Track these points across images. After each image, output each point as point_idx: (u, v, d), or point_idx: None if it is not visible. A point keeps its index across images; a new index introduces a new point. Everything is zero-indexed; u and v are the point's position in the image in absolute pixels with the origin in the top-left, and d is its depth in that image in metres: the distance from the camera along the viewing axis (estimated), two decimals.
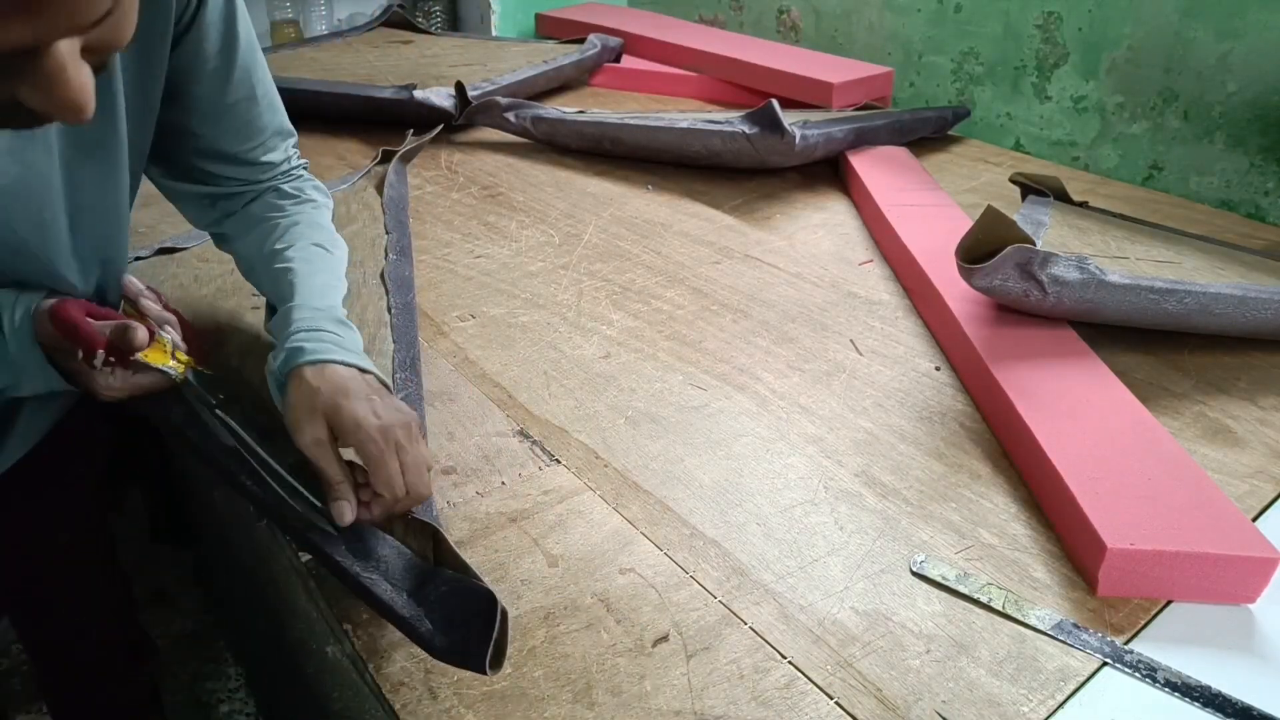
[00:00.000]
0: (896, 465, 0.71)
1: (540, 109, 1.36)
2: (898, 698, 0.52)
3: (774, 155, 1.20)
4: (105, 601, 0.88)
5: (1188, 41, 1.19)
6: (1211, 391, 0.80)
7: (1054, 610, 0.57)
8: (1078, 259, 0.79)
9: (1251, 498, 0.68)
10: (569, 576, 0.60)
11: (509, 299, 0.95)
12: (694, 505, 0.67)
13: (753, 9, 1.82)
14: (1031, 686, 0.53)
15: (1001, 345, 0.79)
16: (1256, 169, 1.17)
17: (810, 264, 1.03)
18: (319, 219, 0.74)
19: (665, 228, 1.12)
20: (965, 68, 1.48)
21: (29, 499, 0.74)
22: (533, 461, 0.71)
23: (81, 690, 0.90)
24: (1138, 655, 0.54)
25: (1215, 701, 0.52)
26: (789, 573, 0.61)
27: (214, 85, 0.66)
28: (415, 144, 1.29)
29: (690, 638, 0.56)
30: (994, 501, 0.67)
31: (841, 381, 0.81)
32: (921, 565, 0.61)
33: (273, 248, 0.70)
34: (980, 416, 0.77)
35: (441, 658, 0.51)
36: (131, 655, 0.93)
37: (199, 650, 1.26)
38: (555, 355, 0.85)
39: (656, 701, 0.51)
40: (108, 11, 0.39)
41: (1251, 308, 0.81)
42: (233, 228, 0.74)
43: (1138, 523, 0.59)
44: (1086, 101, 1.33)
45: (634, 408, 0.77)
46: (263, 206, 0.73)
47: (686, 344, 0.87)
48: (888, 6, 1.56)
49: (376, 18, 1.87)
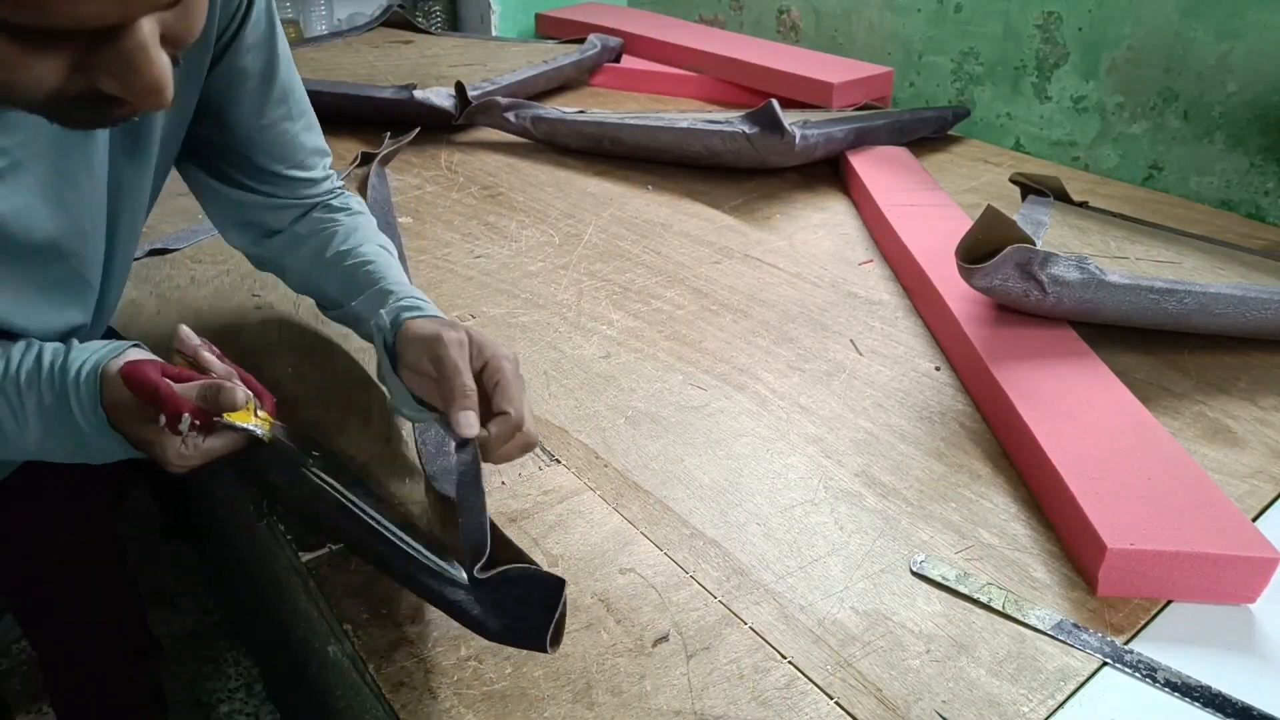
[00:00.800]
0: (896, 465, 0.71)
1: (540, 109, 1.36)
2: (898, 698, 0.52)
3: (774, 155, 1.20)
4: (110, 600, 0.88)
5: (1188, 41, 1.19)
6: (1211, 391, 0.80)
7: (1054, 610, 0.58)
8: (1078, 259, 0.79)
9: (1251, 498, 0.68)
10: (569, 576, 0.60)
11: (509, 299, 0.95)
12: (694, 505, 0.67)
13: (753, 9, 1.83)
14: (1031, 686, 0.53)
15: (1001, 345, 0.79)
16: (1256, 169, 1.17)
17: (810, 264, 1.03)
18: (372, 226, 0.75)
19: (665, 228, 1.12)
20: (965, 68, 1.48)
21: (34, 498, 0.74)
22: (533, 461, 0.71)
23: (85, 689, 0.91)
24: (1138, 655, 0.54)
25: (1215, 701, 0.52)
26: (789, 573, 0.61)
27: (252, 105, 0.66)
28: (394, 146, 1.29)
29: (690, 638, 0.56)
30: (994, 501, 0.67)
31: (841, 381, 0.81)
32: (921, 565, 0.61)
33: (338, 249, 0.70)
34: (980, 416, 0.77)
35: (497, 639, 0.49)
36: (136, 655, 0.93)
37: (199, 650, 1.26)
38: (555, 355, 0.85)
39: (656, 701, 0.51)
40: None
41: (1251, 308, 0.81)
42: (282, 245, 0.74)
43: (1138, 523, 0.59)
44: (1086, 101, 1.33)
45: (634, 408, 0.77)
46: (313, 222, 0.74)
47: (686, 344, 0.87)
48: (888, 6, 1.56)
49: (376, 18, 1.87)
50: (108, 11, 0.37)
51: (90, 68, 0.40)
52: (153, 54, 0.40)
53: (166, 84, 0.41)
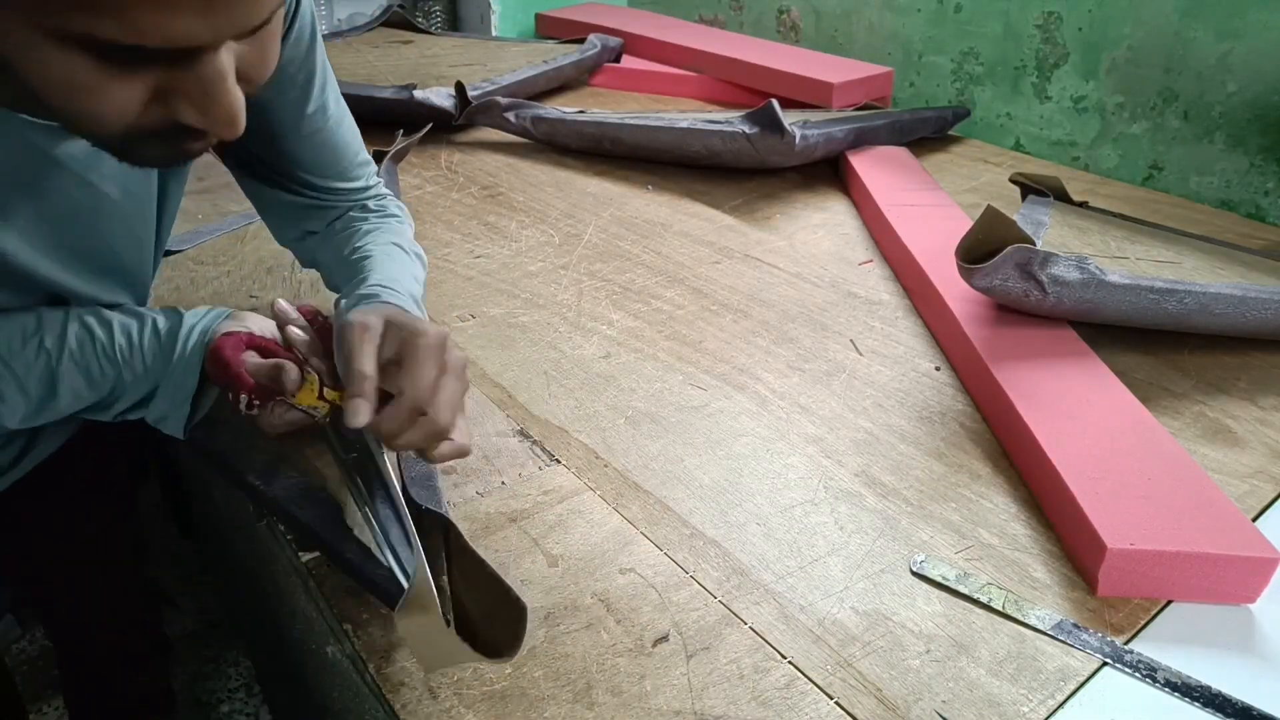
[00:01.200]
0: (896, 465, 0.71)
1: (540, 109, 1.36)
2: (898, 698, 0.52)
3: (774, 155, 1.20)
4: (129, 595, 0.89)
5: (1188, 41, 1.19)
6: (1211, 391, 0.80)
7: (1054, 610, 0.57)
8: (1078, 259, 0.79)
9: (1251, 498, 0.68)
10: (569, 576, 0.60)
11: (509, 299, 0.95)
12: (694, 505, 0.67)
13: (753, 9, 1.82)
14: (1031, 686, 0.53)
15: (1001, 345, 0.79)
16: (1256, 169, 1.17)
17: (810, 264, 1.03)
18: (401, 229, 0.75)
19: (665, 228, 1.12)
20: (965, 68, 1.48)
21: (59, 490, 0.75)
22: (533, 461, 0.71)
23: (100, 683, 0.91)
24: (1138, 655, 0.54)
25: (1215, 701, 0.52)
26: (789, 573, 0.61)
27: (293, 115, 0.67)
28: (405, 143, 1.29)
29: (690, 638, 0.56)
30: (994, 501, 0.67)
31: (841, 381, 0.81)
32: (921, 565, 0.61)
33: (354, 246, 0.71)
34: (980, 416, 0.77)
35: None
36: (151, 652, 0.94)
37: (199, 650, 1.26)
38: (555, 355, 0.85)
39: (656, 701, 0.51)
40: (265, 20, 0.41)
41: (1251, 308, 0.81)
42: (315, 244, 0.76)
43: (1138, 523, 0.59)
44: (1086, 101, 1.33)
45: (634, 408, 0.77)
46: (345, 221, 0.75)
47: (686, 344, 0.87)
48: (888, 6, 1.56)
49: (376, 18, 1.87)
50: (197, 31, 0.38)
51: (169, 96, 0.41)
52: (230, 82, 0.42)
53: (241, 113, 0.43)
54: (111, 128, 0.42)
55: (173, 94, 0.41)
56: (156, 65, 0.40)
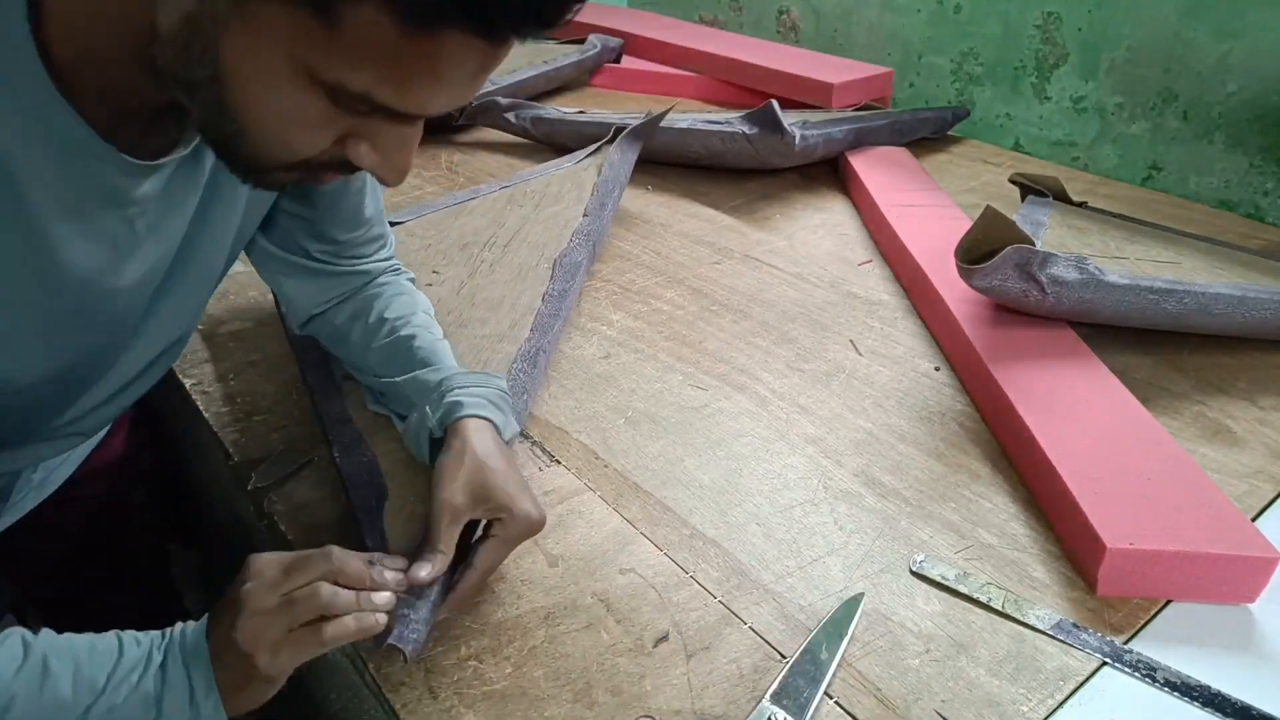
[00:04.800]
0: (896, 465, 0.71)
1: (540, 109, 1.36)
2: (897, 697, 0.52)
3: (774, 155, 1.20)
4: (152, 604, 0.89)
5: (1187, 42, 1.19)
6: (1211, 391, 0.80)
7: (1053, 610, 0.58)
8: (1077, 259, 0.79)
9: (1251, 498, 0.68)
10: (569, 576, 0.60)
11: None
12: (694, 505, 0.67)
13: (753, 9, 1.83)
14: (1031, 686, 0.53)
15: (1001, 345, 0.79)
16: (1256, 169, 1.17)
17: (810, 264, 1.03)
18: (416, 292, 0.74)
19: (665, 228, 1.12)
20: (965, 68, 1.48)
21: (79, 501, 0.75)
22: (533, 462, 0.71)
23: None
24: (1137, 655, 0.55)
25: (1214, 701, 0.52)
26: (789, 572, 0.61)
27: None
28: (647, 119, 1.18)
29: (690, 638, 0.56)
30: (994, 501, 0.67)
31: (841, 382, 0.81)
32: (921, 565, 0.61)
33: (381, 315, 0.69)
34: (980, 416, 0.77)
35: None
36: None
37: None
38: (555, 355, 0.85)
39: (656, 701, 0.51)
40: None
41: (1250, 307, 0.81)
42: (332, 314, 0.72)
43: (1137, 523, 0.59)
44: (1086, 102, 1.33)
45: (634, 408, 0.78)
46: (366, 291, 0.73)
47: (686, 344, 0.87)
48: (888, 6, 1.56)
49: None
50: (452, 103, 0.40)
51: (356, 138, 0.42)
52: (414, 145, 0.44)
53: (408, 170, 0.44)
54: (297, 156, 0.42)
55: (362, 137, 0.42)
56: (378, 116, 0.40)
